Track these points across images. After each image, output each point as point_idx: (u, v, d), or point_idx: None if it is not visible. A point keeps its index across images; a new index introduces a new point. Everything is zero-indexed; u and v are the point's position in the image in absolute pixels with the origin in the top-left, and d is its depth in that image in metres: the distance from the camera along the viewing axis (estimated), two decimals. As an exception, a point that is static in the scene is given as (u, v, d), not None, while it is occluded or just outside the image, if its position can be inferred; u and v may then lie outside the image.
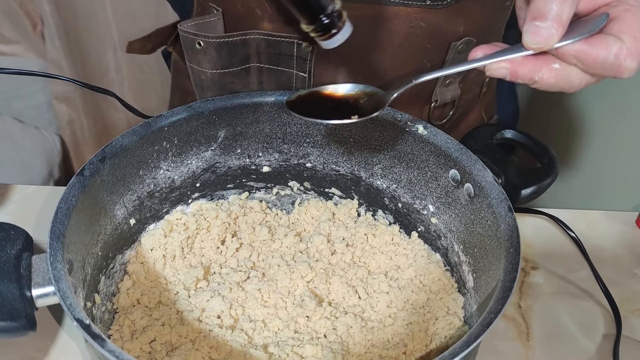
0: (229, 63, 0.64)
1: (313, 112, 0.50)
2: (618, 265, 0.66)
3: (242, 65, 0.64)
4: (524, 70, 0.43)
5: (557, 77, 0.43)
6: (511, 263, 0.45)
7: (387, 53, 0.62)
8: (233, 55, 0.63)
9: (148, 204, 0.59)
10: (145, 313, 0.55)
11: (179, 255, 0.59)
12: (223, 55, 0.63)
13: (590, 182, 0.86)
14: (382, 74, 0.63)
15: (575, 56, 0.42)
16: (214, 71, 0.65)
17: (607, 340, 0.59)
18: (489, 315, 0.41)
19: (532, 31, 0.41)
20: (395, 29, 0.60)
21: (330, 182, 0.64)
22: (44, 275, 0.43)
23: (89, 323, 0.39)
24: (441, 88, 0.67)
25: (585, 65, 0.42)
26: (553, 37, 0.41)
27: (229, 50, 0.63)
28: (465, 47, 0.63)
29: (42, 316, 0.58)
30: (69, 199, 0.47)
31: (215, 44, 0.62)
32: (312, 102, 0.51)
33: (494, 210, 0.50)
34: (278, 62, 0.63)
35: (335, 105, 0.51)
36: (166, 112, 0.56)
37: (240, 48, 0.63)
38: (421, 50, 0.62)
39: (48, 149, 1.28)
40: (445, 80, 0.66)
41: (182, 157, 0.59)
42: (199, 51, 0.64)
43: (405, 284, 0.58)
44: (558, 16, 0.40)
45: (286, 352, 0.52)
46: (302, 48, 0.61)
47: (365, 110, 0.50)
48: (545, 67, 0.43)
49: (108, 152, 0.52)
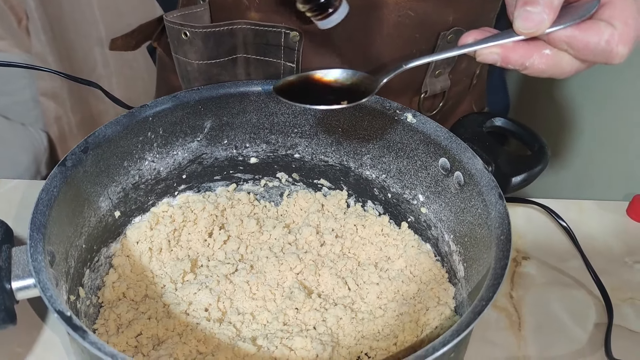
0: (215, 54, 0.63)
1: (301, 97, 0.49)
2: (609, 254, 0.65)
3: (229, 56, 0.63)
4: (515, 55, 0.43)
5: (548, 63, 0.43)
6: (502, 250, 0.44)
7: (376, 42, 0.61)
8: (220, 46, 0.63)
9: (133, 196, 0.58)
10: (132, 307, 0.54)
11: (165, 248, 0.58)
12: (209, 45, 0.62)
13: (581, 173, 0.86)
14: (371, 64, 0.63)
15: (567, 42, 0.41)
16: (200, 62, 0.64)
17: (598, 329, 0.58)
18: (480, 302, 0.41)
19: (523, 16, 0.41)
20: (385, 18, 0.59)
21: (319, 173, 0.64)
22: (24, 267, 0.42)
23: (70, 315, 0.38)
24: (431, 79, 0.66)
25: (576, 51, 0.42)
26: (544, 22, 0.40)
27: (216, 40, 0.62)
28: (454, 37, 0.62)
29: (25, 312, 0.57)
30: (51, 190, 0.46)
31: (201, 34, 0.61)
32: (300, 88, 0.50)
33: (484, 198, 0.49)
34: (265, 52, 0.62)
35: (324, 90, 0.49)
36: (150, 102, 0.55)
37: (226, 38, 0.62)
38: (410, 40, 0.61)
39: (35, 145, 1.27)
40: (435, 71, 0.66)
41: (168, 148, 0.58)
42: (185, 42, 0.62)
43: (395, 274, 0.58)
44: (549, 1, 0.40)
45: (275, 344, 0.51)
46: (289, 37, 0.60)
47: (355, 96, 0.48)
48: (537, 53, 0.42)
49: (91, 143, 0.51)
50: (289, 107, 0.59)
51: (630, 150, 0.78)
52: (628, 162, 0.79)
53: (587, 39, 0.41)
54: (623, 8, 0.41)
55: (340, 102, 0.48)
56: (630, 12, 0.41)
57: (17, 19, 1.22)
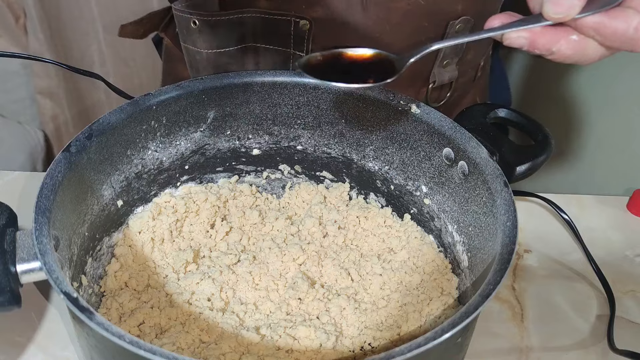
0: (224, 43, 0.63)
1: (326, 74, 0.47)
2: (610, 248, 0.66)
3: (238, 45, 0.63)
4: (542, 40, 0.42)
5: (575, 49, 0.42)
6: (508, 236, 0.44)
7: (385, 31, 0.61)
8: (229, 35, 0.62)
9: (136, 186, 0.57)
10: (134, 296, 0.54)
11: (167, 238, 0.58)
12: (219, 34, 0.62)
13: (581, 168, 0.86)
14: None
15: (594, 28, 0.41)
16: (209, 51, 0.63)
17: (601, 320, 0.58)
18: (487, 286, 0.41)
19: (553, 1, 0.40)
20: (394, 7, 0.59)
21: (322, 165, 0.64)
22: (29, 250, 0.41)
23: (76, 297, 0.38)
24: (439, 69, 0.66)
25: (603, 37, 0.41)
26: (574, 7, 0.40)
27: (225, 29, 0.61)
28: (462, 26, 0.62)
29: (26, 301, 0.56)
30: (55, 175, 0.46)
31: (211, 22, 0.61)
32: (325, 65, 0.48)
33: (489, 187, 0.49)
34: (275, 41, 0.62)
35: (349, 68, 0.48)
36: (154, 91, 0.55)
37: (236, 27, 0.61)
38: (419, 29, 0.62)
39: (31, 144, 1.26)
40: (443, 61, 0.66)
41: (171, 137, 0.58)
42: (194, 30, 0.62)
43: (398, 265, 0.58)
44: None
45: (279, 333, 0.51)
46: (299, 26, 0.60)
47: (381, 75, 0.47)
48: (564, 39, 0.42)
49: (95, 130, 0.51)
50: (292, 98, 0.59)
51: (631, 146, 0.79)
52: (628, 157, 0.79)
53: (615, 25, 0.40)
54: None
55: (367, 81, 0.46)
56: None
57: (14, 16, 1.22)
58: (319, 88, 0.58)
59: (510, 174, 0.52)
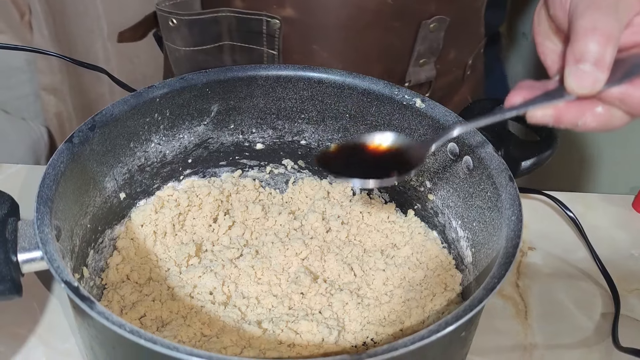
0: (201, 40, 0.65)
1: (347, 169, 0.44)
2: (615, 247, 0.65)
3: (215, 43, 0.65)
4: (567, 116, 0.41)
5: (600, 121, 0.41)
6: (513, 230, 0.44)
7: (355, 30, 0.61)
8: (205, 33, 0.64)
9: (139, 178, 0.57)
10: (135, 289, 0.53)
11: (169, 232, 0.58)
12: (195, 32, 0.64)
13: (586, 166, 0.86)
14: (351, 51, 0.63)
15: (620, 99, 0.39)
16: (186, 48, 0.66)
17: (605, 319, 0.58)
18: (492, 280, 0.40)
19: (577, 75, 0.38)
20: (364, 6, 0.59)
21: (325, 160, 0.63)
22: (31, 240, 0.41)
23: (77, 285, 0.38)
24: (414, 68, 0.66)
25: (630, 107, 0.40)
26: (599, 81, 0.38)
27: (201, 27, 0.63)
28: (437, 26, 0.62)
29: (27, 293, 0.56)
30: (57, 165, 0.46)
31: (187, 21, 0.63)
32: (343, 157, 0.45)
33: (494, 181, 0.49)
34: (249, 39, 0.64)
35: (369, 160, 0.45)
36: (158, 83, 0.55)
37: (211, 26, 0.63)
38: (390, 29, 0.61)
39: (35, 140, 1.26)
40: (419, 60, 0.65)
41: (174, 130, 0.58)
42: (172, 29, 0.64)
43: (401, 261, 0.57)
44: (602, 59, 0.38)
45: (280, 327, 0.51)
46: (270, 25, 0.62)
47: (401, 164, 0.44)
48: (589, 111, 0.40)
49: (98, 121, 0.51)
50: (296, 92, 0.59)
51: (636, 144, 0.78)
52: (634, 156, 0.79)
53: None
54: None
55: (391, 174, 0.44)
56: None
57: (19, 13, 1.22)
58: (324, 82, 0.58)
59: (515, 169, 0.52)
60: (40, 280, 0.57)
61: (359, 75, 0.57)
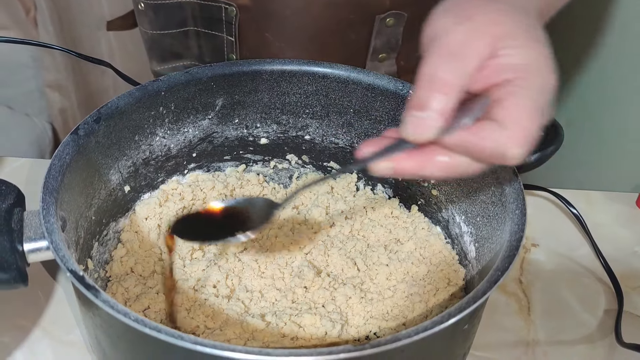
0: (166, 25, 0.67)
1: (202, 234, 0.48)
2: (618, 244, 0.65)
3: (180, 28, 0.67)
4: (408, 166, 0.39)
5: (446, 170, 0.39)
6: (517, 224, 0.44)
7: (307, 22, 0.62)
8: (169, 18, 0.66)
9: (143, 172, 0.57)
10: (139, 281, 0.53)
11: (174, 225, 0.58)
12: (160, 17, 0.67)
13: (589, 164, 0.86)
14: (306, 42, 0.63)
15: (461, 146, 0.38)
16: (153, 32, 0.69)
17: (608, 315, 0.58)
18: (495, 273, 0.40)
19: (412, 122, 0.37)
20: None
21: (329, 155, 0.63)
22: (36, 229, 0.41)
23: (82, 274, 0.38)
24: (373, 63, 0.65)
25: (472, 155, 0.38)
26: (433, 128, 0.37)
27: (165, 12, 0.66)
28: (394, 21, 0.61)
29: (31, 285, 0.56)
30: (63, 157, 0.46)
31: (152, 5, 0.65)
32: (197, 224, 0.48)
33: (497, 176, 0.49)
34: (211, 26, 0.66)
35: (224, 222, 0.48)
36: (163, 77, 0.55)
37: (176, 11, 0.65)
38: (345, 22, 0.62)
39: (39, 136, 1.26)
40: (377, 54, 0.65)
41: (179, 124, 0.58)
42: (141, 12, 0.68)
43: (405, 256, 0.57)
44: (440, 108, 0.36)
45: (284, 320, 0.51)
46: (228, 12, 0.63)
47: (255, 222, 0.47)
48: (430, 161, 0.39)
49: (103, 113, 0.51)
50: (301, 86, 0.59)
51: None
52: (637, 154, 0.79)
53: (482, 143, 0.37)
54: (516, 108, 0.37)
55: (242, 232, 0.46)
56: (524, 111, 0.37)
57: (25, 9, 1.22)
58: (328, 77, 0.58)
59: (519, 164, 0.52)
60: (46, 272, 0.58)
61: (364, 70, 0.57)
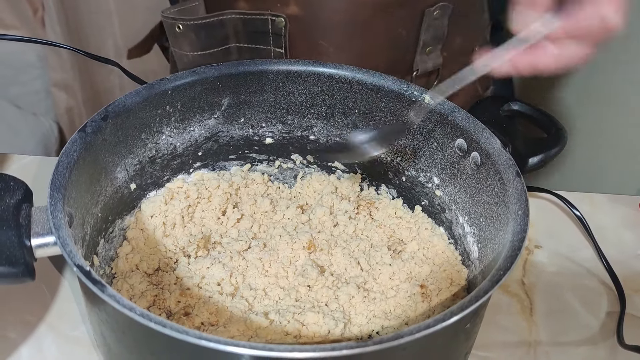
0: (208, 44, 0.66)
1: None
2: (621, 246, 0.65)
3: (222, 46, 0.66)
4: (523, 61, 0.44)
5: (557, 59, 0.44)
6: (520, 224, 0.44)
7: (359, 24, 0.62)
8: (211, 36, 0.66)
9: (149, 170, 0.58)
10: (144, 278, 0.54)
11: (179, 223, 0.58)
12: (202, 37, 0.65)
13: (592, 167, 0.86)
14: (358, 44, 0.64)
15: (565, 33, 0.43)
16: (194, 53, 0.67)
17: (610, 317, 0.58)
18: (497, 272, 0.41)
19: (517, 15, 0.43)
20: (361, 1, 0.60)
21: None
22: (44, 225, 0.42)
23: (89, 269, 0.38)
24: (422, 56, 0.67)
25: (578, 36, 0.43)
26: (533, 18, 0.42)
27: (207, 31, 0.65)
28: (441, 13, 0.63)
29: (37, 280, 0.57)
30: (71, 154, 0.47)
31: (193, 26, 0.64)
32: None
33: (501, 177, 0.49)
34: (255, 40, 0.65)
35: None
36: (170, 76, 0.56)
37: (217, 29, 0.64)
38: (394, 19, 0.62)
39: (45, 135, 1.27)
40: (425, 48, 0.66)
41: (185, 123, 0.58)
42: (179, 35, 0.66)
43: (408, 256, 0.58)
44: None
45: (287, 318, 0.51)
46: (275, 24, 0.63)
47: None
48: (542, 54, 0.44)
49: (110, 111, 0.52)
50: (306, 87, 0.60)
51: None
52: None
53: (581, 24, 0.42)
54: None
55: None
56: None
57: (32, 9, 1.23)
58: (333, 78, 0.59)
59: (523, 166, 0.52)
60: (51, 268, 0.58)
61: (369, 71, 0.58)
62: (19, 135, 1.22)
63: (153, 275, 0.55)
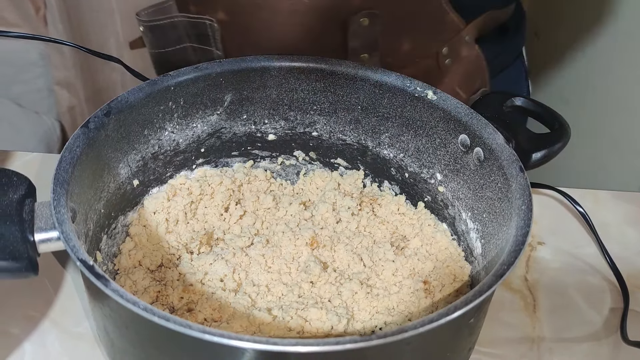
0: (164, 43, 0.71)
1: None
2: (625, 243, 0.65)
3: (177, 45, 0.70)
4: None
5: None
6: (523, 219, 0.44)
7: (278, 32, 0.63)
8: (166, 37, 0.70)
9: (152, 166, 0.58)
10: (147, 274, 0.54)
11: (182, 220, 0.58)
12: (158, 36, 0.71)
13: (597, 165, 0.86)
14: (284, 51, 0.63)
15: None
16: (155, 51, 0.74)
17: (614, 314, 0.58)
18: (501, 267, 0.41)
19: None
20: (277, 7, 0.61)
21: (337, 152, 0.64)
22: (47, 220, 0.42)
23: (92, 264, 0.38)
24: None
25: None
26: None
27: (161, 32, 0.69)
28: (369, 21, 0.61)
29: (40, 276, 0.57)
30: (74, 149, 0.47)
31: (149, 27, 0.70)
32: None
33: (504, 172, 0.49)
34: (202, 41, 0.69)
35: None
36: (172, 72, 0.56)
37: (170, 30, 0.68)
38: (315, 28, 0.62)
39: (47, 134, 1.27)
40: (357, 55, 0.66)
41: (188, 119, 0.58)
42: (143, 34, 0.73)
43: (411, 253, 0.57)
44: None
45: (290, 314, 0.51)
46: (213, 28, 0.66)
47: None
48: None
49: (113, 107, 0.52)
50: (309, 83, 0.60)
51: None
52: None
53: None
54: None
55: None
56: None
57: (34, 7, 1.23)
58: (336, 74, 0.59)
59: (526, 161, 0.52)
60: (55, 263, 0.58)
61: (371, 67, 0.58)
62: (21, 133, 1.22)
63: (156, 271, 0.55)
